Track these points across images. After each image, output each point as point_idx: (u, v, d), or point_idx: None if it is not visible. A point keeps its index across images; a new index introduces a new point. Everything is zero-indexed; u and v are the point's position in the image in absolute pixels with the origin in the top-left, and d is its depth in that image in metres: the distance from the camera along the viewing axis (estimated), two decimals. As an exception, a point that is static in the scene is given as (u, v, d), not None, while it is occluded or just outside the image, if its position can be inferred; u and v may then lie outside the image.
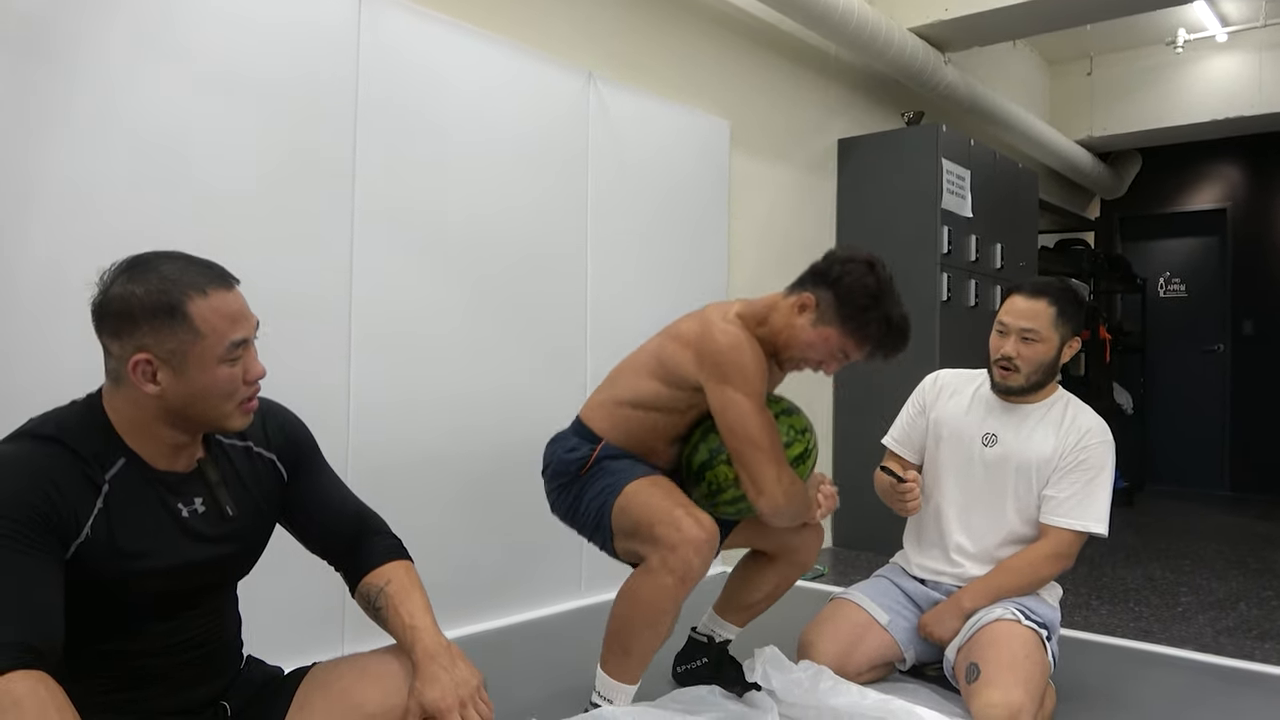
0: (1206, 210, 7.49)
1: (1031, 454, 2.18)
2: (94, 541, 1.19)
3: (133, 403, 1.23)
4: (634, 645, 1.81)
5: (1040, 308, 2.17)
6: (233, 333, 1.24)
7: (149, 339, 1.19)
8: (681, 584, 1.74)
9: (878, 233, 4.59)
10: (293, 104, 2.36)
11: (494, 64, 2.87)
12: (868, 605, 2.25)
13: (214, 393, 1.24)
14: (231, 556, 1.36)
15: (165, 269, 1.21)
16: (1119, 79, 6.69)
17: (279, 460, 1.43)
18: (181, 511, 1.28)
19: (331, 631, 2.45)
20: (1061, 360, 2.21)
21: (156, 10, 2.11)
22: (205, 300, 1.21)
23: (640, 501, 1.81)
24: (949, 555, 2.25)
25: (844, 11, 4.02)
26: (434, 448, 2.69)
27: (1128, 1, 4.55)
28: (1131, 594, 3.78)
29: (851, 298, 1.89)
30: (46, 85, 1.94)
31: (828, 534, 4.67)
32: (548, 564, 3.03)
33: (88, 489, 1.20)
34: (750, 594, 2.19)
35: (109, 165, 2.03)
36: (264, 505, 1.41)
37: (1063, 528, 2.12)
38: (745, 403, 1.83)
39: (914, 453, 2.38)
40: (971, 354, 4.55)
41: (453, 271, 2.75)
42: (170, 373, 1.21)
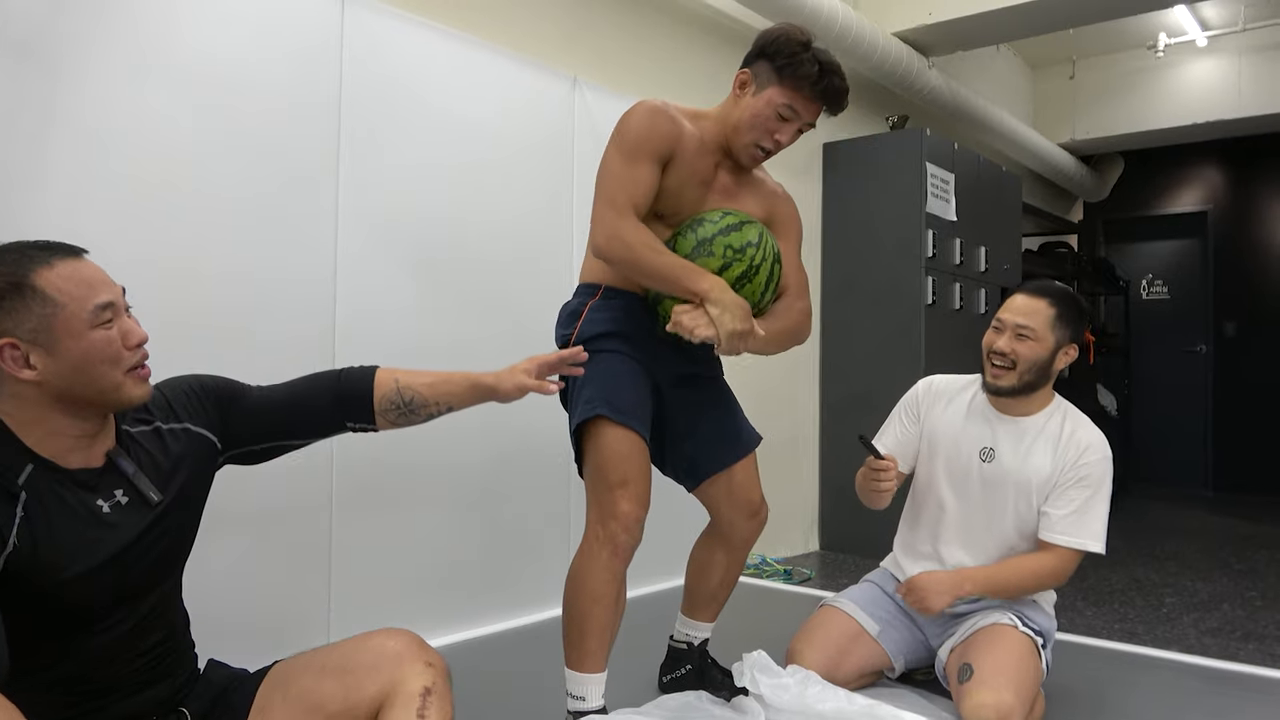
0: (1188, 213, 7.55)
1: (1030, 471, 2.14)
2: (21, 552, 1.16)
3: (19, 400, 1.20)
4: (586, 627, 1.84)
5: (1039, 306, 2.14)
6: (93, 296, 1.20)
7: (8, 323, 1.16)
8: (614, 556, 1.82)
9: (863, 237, 4.60)
10: (276, 107, 2.35)
11: (479, 68, 2.86)
12: (857, 614, 2.22)
13: (94, 360, 1.20)
14: (163, 542, 1.33)
15: (6, 256, 1.19)
16: (1101, 82, 6.74)
17: (195, 425, 1.40)
18: (103, 508, 1.25)
19: (317, 626, 2.44)
20: (1056, 366, 2.16)
21: (139, 12, 2.09)
22: (52, 270, 1.18)
23: (602, 455, 1.85)
24: (946, 569, 2.20)
25: (828, 17, 4.04)
26: (421, 452, 2.67)
27: (1110, 5, 4.59)
28: (1117, 596, 3.79)
29: (781, 49, 1.89)
30: (30, 85, 1.92)
31: (814, 536, 4.67)
32: (539, 568, 3.02)
33: (5, 501, 1.16)
34: (707, 583, 2.17)
35: (84, 164, 2.01)
36: (189, 483, 1.38)
37: (1060, 545, 2.08)
38: (608, 151, 1.89)
39: (905, 463, 2.30)
40: (957, 357, 4.58)
41: (438, 275, 2.73)
42: (42, 352, 1.17)
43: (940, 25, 4.67)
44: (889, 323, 4.49)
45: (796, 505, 4.56)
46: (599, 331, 1.93)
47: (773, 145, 1.94)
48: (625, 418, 1.85)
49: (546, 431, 3.08)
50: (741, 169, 2.02)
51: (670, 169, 1.91)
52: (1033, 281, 2.30)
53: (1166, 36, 6.08)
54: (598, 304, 1.97)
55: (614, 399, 1.86)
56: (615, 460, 1.84)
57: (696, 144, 1.94)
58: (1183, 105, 6.38)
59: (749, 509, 2.09)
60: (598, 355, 1.88)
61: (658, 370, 1.97)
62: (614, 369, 1.90)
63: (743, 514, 2.09)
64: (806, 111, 1.91)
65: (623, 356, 1.92)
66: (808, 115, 1.92)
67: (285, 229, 2.37)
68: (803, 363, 4.62)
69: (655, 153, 1.88)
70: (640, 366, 1.93)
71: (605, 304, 1.96)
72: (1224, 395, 7.23)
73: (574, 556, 1.89)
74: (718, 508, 2.11)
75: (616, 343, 1.92)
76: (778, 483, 4.25)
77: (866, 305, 4.57)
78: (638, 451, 1.87)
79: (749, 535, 2.12)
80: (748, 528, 2.11)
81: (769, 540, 4.13)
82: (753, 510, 2.09)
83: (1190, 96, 6.35)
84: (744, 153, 1.96)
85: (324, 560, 2.46)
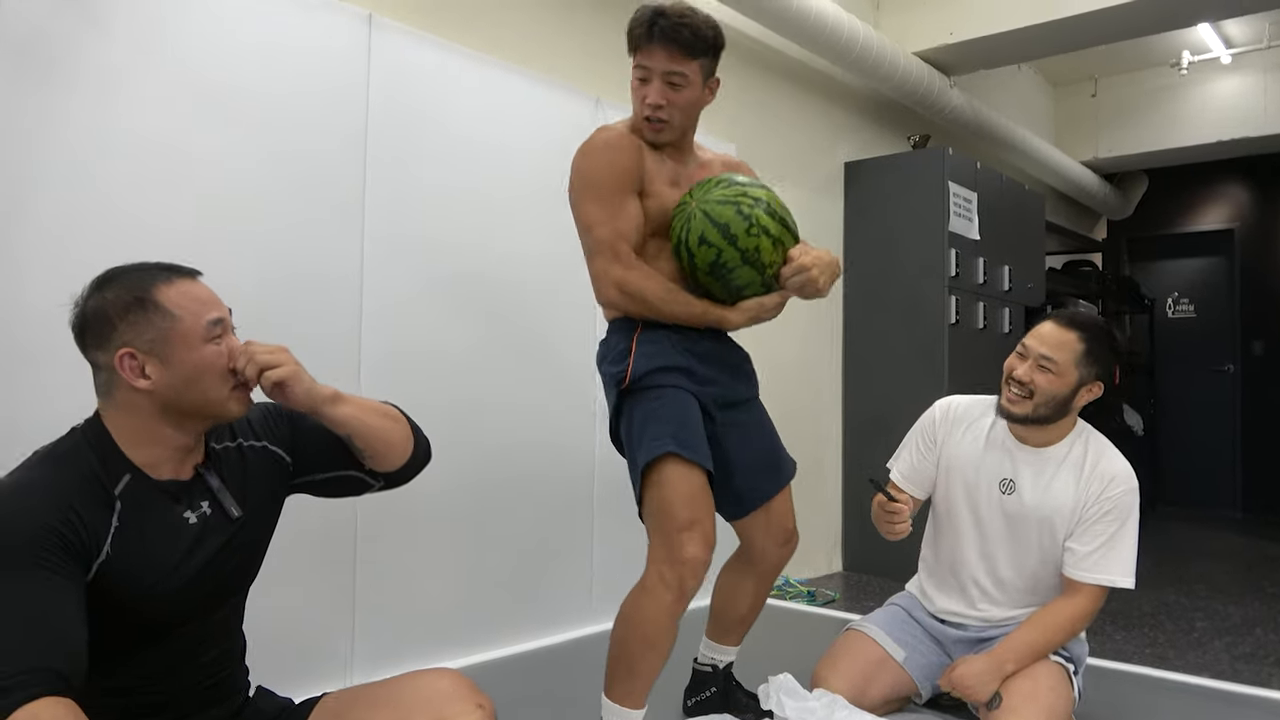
0: (1214, 231, 7.49)
1: (1052, 506, 2.07)
2: (113, 559, 1.20)
3: (129, 409, 1.25)
4: (636, 667, 1.81)
5: (1068, 340, 2.04)
6: (206, 313, 1.27)
7: (129, 334, 1.23)
8: (678, 601, 1.78)
9: (885, 256, 4.59)
10: (304, 130, 2.38)
11: (503, 90, 2.88)
12: (883, 640, 2.18)
13: (205, 372, 1.26)
14: (238, 558, 1.37)
15: (130, 273, 1.27)
16: (1124, 101, 6.71)
17: (272, 444, 1.44)
18: (189, 519, 1.29)
19: (340, 661, 2.44)
20: (1077, 402, 2.08)
21: (172, 36, 2.12)
22: (171, 286, 1.26)
23: (665, 495, 1.81)
24: (972, 600, 2.18)
25: (849, 37, 4.05)
26: (442, 474, 2.68)
27: (1132, 24, 4.57)
28: (1146, 620, 3.74)
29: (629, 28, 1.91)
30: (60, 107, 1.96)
31: (838, 557, 4.64)
32: (556, 590, 3.01)
33: (103, 508, 1.21)
34: (735, 609, 2.16)
35: (117, 186, 2.04)
36: (267, 499, 1.42)
37: (1088, 583, 2.03)
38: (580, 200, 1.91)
39: (921, 489, 2.24)
40: (981, 377, 4.55)
41: (461, 298, 2.75)
42: (157, 363, 1.23)
43: (961, 45, 4.67)
44: (912, 342, 4.47)
45: (820, 527, 4.53)
46: (654, 367, 1.90)
47: (650, 110, 1.90)
48: (694, 455, 1.83)
49: (569, 451, 3.09)
50: (683, 152, 2.01)
51: (646, 192, 1.92)
52: (1067, 310, 2.21)
53: (1190, 54, 6.05)
54: (644, 337, 1.93)
55: (681, 435, 1.84)
56: (683, 500, 1.80)
57: (650, 154, 1.94)
58: (1207, 123, 6.34)
59: (782, 537, 2.09)
60: (657, 390, 1.88)
61: (708, 398, 1.95)
62: (676, 404, 1.88)
63: (776, 542, 2.09)
64: (654, 62, 1.88)
65: (681, 391, 1.90)
66: (656, 63, 1.87)
67: (311, 251, 2.40)
68: (825, 383, 4.60)
69: (629, 187, 1.89)
70: (695, 400, 1.91)
71: (650, 336, 1.93)
72: (1252, 415, 7.13)
73: (633, 590, 1.84)
74: (752, 536, 2.10)
75: (674, 376, 1.90)
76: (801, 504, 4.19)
77: (889, 325, 4.56)
78: (703, 491, 1.84)
79: (780, 562, 2.12)
80: (779, 555, 2.11)
81: (793, 562, 4.08)
82: (785, 538, 2.10)
83: (1215, 114, 6.31)
84: (643, 131, 1.94)
85: (349, 580, 2.46)
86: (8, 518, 1.14)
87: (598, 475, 3.14)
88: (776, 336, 4.08)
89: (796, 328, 4.38)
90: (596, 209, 1.87)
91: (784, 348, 4.23)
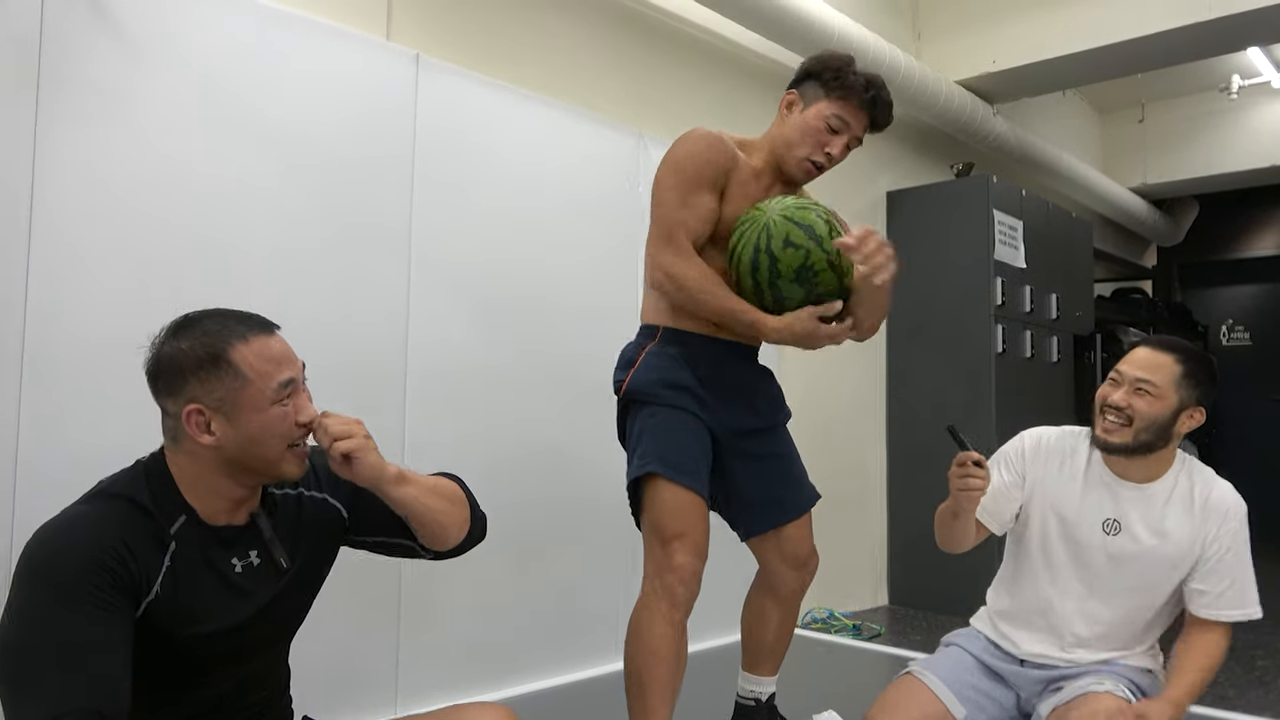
0: (1268, 256, 7.33)
1: (1169, 548, 1.95)
2: (161, 600, 1.21)
3: (192, 458, 1.26)
4: (646, 681, 1.82)
5: (1165, 362, 1.92)
6: (278, 374, 1.27)
7: (199, 390, 1.23)
8: (673, 608, 1.82)
9: (929, 285, 4.55)
10: (353, 165, 2.44)
11: (546, 125, 2.93)
12: (942, 693, 2.03)
13: (269, 435, 1.26)
14: (284, 608, 1.37)
15: (208, 324, 1.27)
16: (1172, 126, 6.62)
17: (333, 498, 1.44)
18: (236, 567, 1.30)
19: (385, 692, 2.45)
20: (1179, 429, 1.95)
21: (225, 75, 2.19)
22: (247, 346, 1.25)
23: (658, 510, 1.86)
24: (1064, 643, 2.04)
25: (890, 65, 4.05)
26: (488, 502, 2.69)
27: (1179, 50, 4.51)
28: (1205, 656, 3.62)
29: (828, 66, 1.95)
30: (113, 143, 2.03)
31: (883, 590, 4.57)
32: (597, 622, 3.00)
33: (156, 547, 1.22)
34: (762, 637, 2.14)
35: (171, 224, 2.11)
36: (319, 549, 1.42)
37: (1225, 621, 1.94)
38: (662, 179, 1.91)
39: (997, 522, 2.07)
40: (1029, 406, 4.49)
41: (506, 326, 2.78)
42: (223, 421, 1.24)
43: (1004, 73, 4.64)
44: (958, 372, 4.42)
45: (864, 559, 4.47)
46: (654, 379, 1.92)
47: (824, 159, 1.96)
48: (679, 475, 1.84)
49: (610, 479, 3.08)
50: (791, 189, 2.03)
51: (726, 196, 1.93)
52: (1159, 336, 2.13)
53: (1240, 78, 5.95)
54: (655, 349, 1.96)
55: (668, 455, 1.86)
56: (671, 514, 1.84)
57: (749, 170, 1.97)
58: (1259, 147, 6.23)
59: (797, 562, 2.08)
60: (653, 407, 1.90)
61: (717, 423, 1.95)
62: (668, 423, 1.90)
63: (790, 565, 2.08)
64: (855, 122, 1.95)
65: (677, 411, 1.90)
66: (856, 126, 1.96)
67: (359, 283, 2.44)
68: (869, 412, 4.56)
69: (712, 181, 1.90)
70: (697, 419, 1.91)
71: (662, 350, 1.95)
72: (1313, 445, 6.92)
73: (633, 610, 1.89)
74: (767, 560, 2.10)
75: (673, 394, 1.91)
76: (844, 535, 4.19)
77: (934, 354, 4.51)
78: (694, 505, 1.86)
79: (798, 587, 2.11)
80: (796, 579, 2.09)
81: (837, 595, 4.06)
82: (800, 563, 2.08)
83: (1266, 138, 6.20)
84: (797, 167, 1.97)
85: (394, 611, 2.48)
86: (60, 552, 1.15)
87: (640, 506, 3.14)
88: (818, 369, 4.06)
89: (839, 359, 4.34)
90: (671, 193, 1.89)
91: (827, 380, 4.21)
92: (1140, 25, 4.24)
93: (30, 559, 1.15)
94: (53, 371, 1.92)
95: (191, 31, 2.14)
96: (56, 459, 1.88)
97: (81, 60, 1.97)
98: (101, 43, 2.01)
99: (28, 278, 1.90)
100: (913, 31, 4.85)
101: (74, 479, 1.29)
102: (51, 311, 1.92)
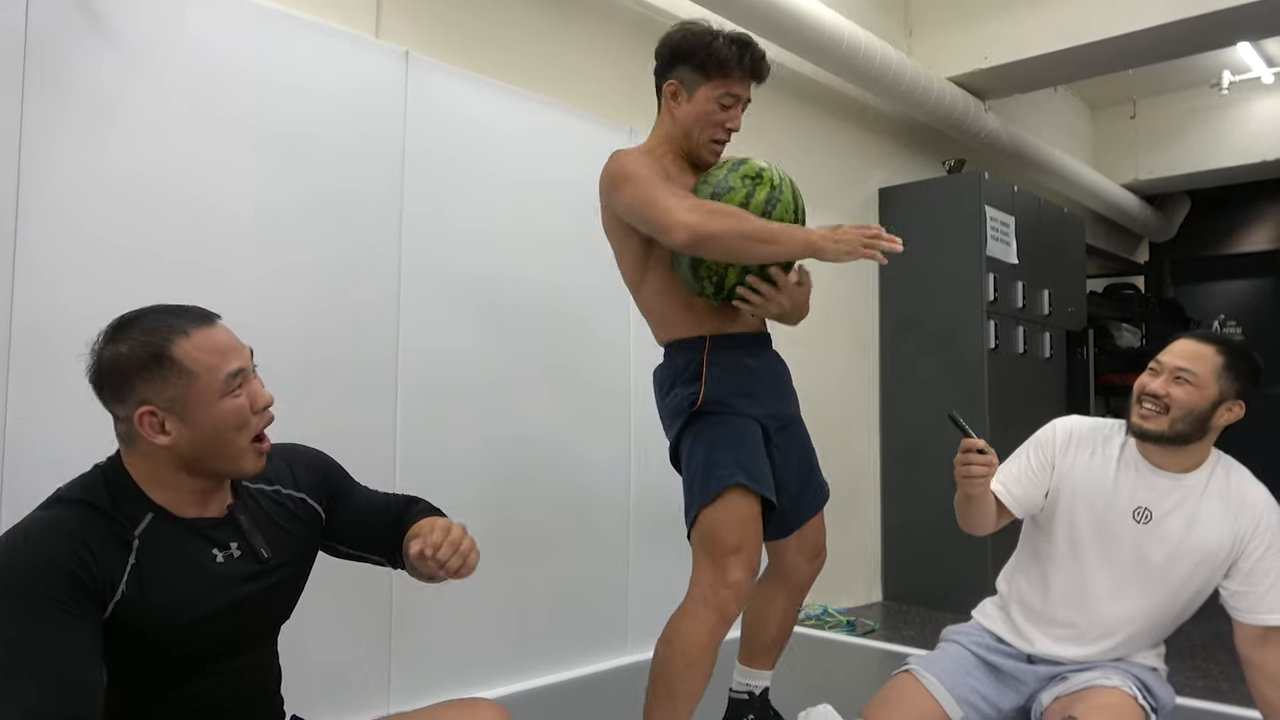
0: (1260, 251, 7.34)
1: (1201, 540, 1.91)
2: (129, 599, 1.19)
3: (148, 458, 1.25)
4: (677, 687, 1.80)
5: (1206, 352, 1.89)
6: (225, 365, 1.24)
7: (147, 392, 1.21)
8: (721, 623, 1.80)
9: (922, 281, 4.56)
10: (341, 163, 2.43)
11: (538, 123, 2.92)
12: (941, 696, 2.01)
13: (224, 428, 1.24)
14: (269, 599, 1.36)
15: (146, 322, 1.24)
16: (1164, 122, 6.63)
17: (311, 499, 1.44)
18: (216, 557, 1.29)
19: (377, 689, 2.45)
20: (1217, 422, 1.92)
21: (211, 72, 2.18)
22: (189, 340, 1.23)
23: (718, 519, 1.82)
24: (1084, 638, 2.01)
25: (881, 63, 4.05)
26: (479, 498, 2.69)
27: (1169, 46, 4.52)
28: (1198, 651, 3.63)
29: (695, 46, 1.91)
30: (96, 140, 2.02)
31: (877, 586, 4.58)
32: (592, 620, 3.00)
33: (119, 548, 1.20)
34: (767, 629, 2.14)
35: (156, 221, 2.10)
36: (299, 546, 1.41)
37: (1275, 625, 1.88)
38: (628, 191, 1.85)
39: (1022, 507, 2.04)
40: (1022, 402, 4.49)
41: (498, 328, 2.77)
42: (177, 420, 1.22)
43: (996, 69, 4.65)
44: (950, 367, 4.42)
45: (858, 555, 4.48)
46: (728, 389, 1.90)
47: (725, 135, 1.97)
48: (760, 487, 1.83)
49: (605, 480, 3.08)
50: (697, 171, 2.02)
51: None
52: (1200, 329, 2.13)
53: (1231, 74, 5.96)
54: (714, 358, 1.92)
55: (750, 466, 1.84)
56: (734, 524, 1.81)
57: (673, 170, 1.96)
58: (1250, 143, 6.24)
59: (813, 551, 2.11)
60: (726, 417, 1.88)
61: (768, 419, 1.94)
62: (741, 433, 1.88)
63: (807, 557, 2.10)
64: (742, 89, 1.95)
65: (749, 420, 1.89)
66: (744, 91, 1.96)
67: (350, 284, 2.43)
68: (861, 409, 4.56)
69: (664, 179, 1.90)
70: (761, 426, 1.91)
71: (719, 358, 1.92)
72: (1306, 439, 6.94)
73: (675, 612, 1.85)
74: (785, 553, 2.10)
75: (743, 403, 1.90)
76: (838, 531, 4.16)
77: (927, 350, 4.51)
78: (755, 519, 1.85)
79: (810, 576, 2.12)
80: (810, 569, 2.11)
81: (831, 591, 4.06)
82: (816, 552, 2.11)
83: (1258, 134, 6.21)
84: (704, 150, 1.97)
85: (385, 608, 2.47)
86: (20, 560, 1.13)
87: (633, 504, 3.14)
88: (811, 360, 4.06)
89: (831, 353, 4.35)
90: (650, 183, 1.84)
91: (820, 373, 4.21)
92: (1131, 20, 4.24)
93: None
94: (39, 369, 1.91)
95: (176, 29, 2.13)
96: (43, 457, 1.87)
97: (67, 59, 1.96)
98: (87, 40, 2.00)
99: (14, 276, 1.89)
100: (904, 28, 4.85)
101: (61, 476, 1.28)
102: (38, 310, 1.91)
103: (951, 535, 4.64)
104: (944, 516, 4.18)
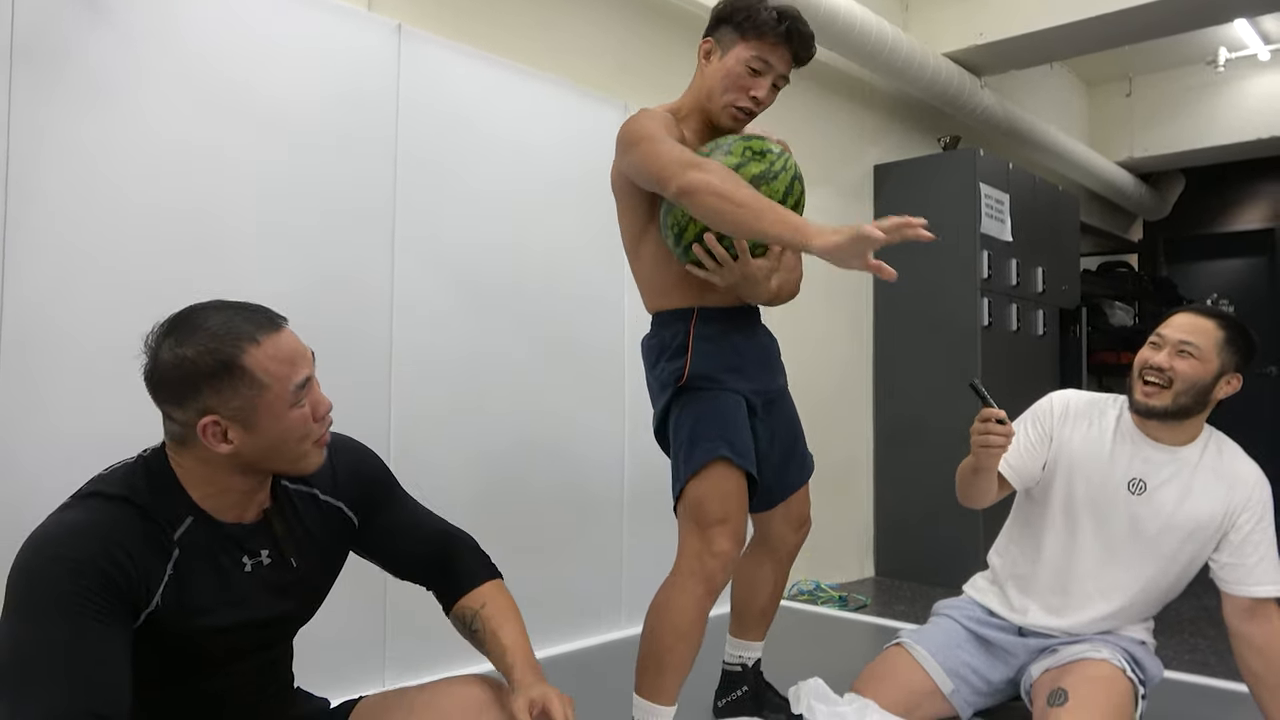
0: (1254, 230, 7.35)
1: (1193, 511, 1.94)
2: (164, 608, 1.18)
3: (203, 461, 1.21)
4: (666, 659, 1.82)
5: (1207, 326, 1.92)
6: (295, 375, 1.21)
7: (213, 400, 1.16)
8: (708, 594, 1.80)
9: (916, 258, 4.53)
10: (335, 137, 2.41)
11: (533, 98, 2.90)
12: (931, 668, 2.05)
13: (290, 438, 1.22)
14: (295, 607, 1.36)
15: (211, 324, 1.17)
16: (1159, 99, 6.62)
17: (348, 508, 1.41)
18: (246, 565, 1.27)
19: (373, 664, 2.46)
20: (1216, 395, 1.94)
21: (202, 44, 2.16)
22: (259, 349, 1.17)
23: (703, 491, 1.82)
24: (1076, 608, 2.04)
25: (877, 39, 4.03)
26: (474, 479, 2.70)
27: (1166, 22, 4.51)
28: (1186, 626, 3.67)
29: (738, 6, 1.88)
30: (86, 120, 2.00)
31: (869, 562, 4.61)
32: (587, 593, 3.02)
33: (158, 555, 1.18)
34: (757, 599, 2.16)
35: (149, 193, 2.08)
36: (329, 553, 1.40)
37: (1270, 597, 1.91)
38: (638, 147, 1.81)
39: (1020, 478, 2.07)
40: (1013, 380, 4.51)
41: (491, 301, 2.77)
42: (241, 429, 1.18)
43: (991, 45, 4.63)
44: (944, 345, 4.43)
45: (851, 531, 4.50)
46: (714, 363, 1.89)
47: (750, 103, 1.90)
48: (744, 461, 1.84)
49: (599, 453, 3.09)
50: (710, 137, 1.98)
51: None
52: (1198, 304, 2.16)
53: (1227, 51, 5.95)
54: (701, 333, 1.91)
55: (734, 440, 1.84)
56: (719, 496, 1.82)
57: (691, 138, 1.94)
58: (1245, 121, 6.23)
59: (799, 522, 2.12)
60: (712, 392, 1.88)
61: (754, 394, 1.94)
62: (725, 406, 1.88)
63: (793, 527, 2.11)
64: (776, 60, 1.88)
65: (734, 395, 1.89)
66: (779, 64, 1.88)
67: (342, 259, 2.43)
68: (856, 386, 4.58)
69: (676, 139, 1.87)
70: (744, 400, 1.91)
71: (706, 330, 1.91)
72: (1296, 417, 6.98)
73: (663, 584, 1.86)
74: (770, 524, 2.11)
75: (729, 377, 1.90)
76: (832, 508, 4.21)
77: (920, 328, 4.52)
78: (740, 491, 1.85)
79: (796, 546, 2.14)
80: (796, 539, 2.13)
81: (824, 567, 4.09)
82: (801, 522, 2.12)
83: (1253, 112, 6.20)
84: (723, 115, 1.92)
85: (380, 583, 2.48)
86: (55, 559, 1.10)
87: (627, 477, 3.15)
88: (806, 338, 4.07)
89: (826, 330, 4.36)
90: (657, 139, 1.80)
91: (814, 350, 4.22)
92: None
93: (26, 565, 1.11)
94: (31, 358, 1.89)
95: (167, 3, 2.11)
96: (37, 448, 1.86)
97: (56, 36, 1.94)
98: (78, 15, 1.97)
99: (4, 262, 1.87)
100: (900, 3, 4.82)
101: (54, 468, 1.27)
102: (30, 296, 1.89)
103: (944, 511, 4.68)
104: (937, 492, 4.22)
